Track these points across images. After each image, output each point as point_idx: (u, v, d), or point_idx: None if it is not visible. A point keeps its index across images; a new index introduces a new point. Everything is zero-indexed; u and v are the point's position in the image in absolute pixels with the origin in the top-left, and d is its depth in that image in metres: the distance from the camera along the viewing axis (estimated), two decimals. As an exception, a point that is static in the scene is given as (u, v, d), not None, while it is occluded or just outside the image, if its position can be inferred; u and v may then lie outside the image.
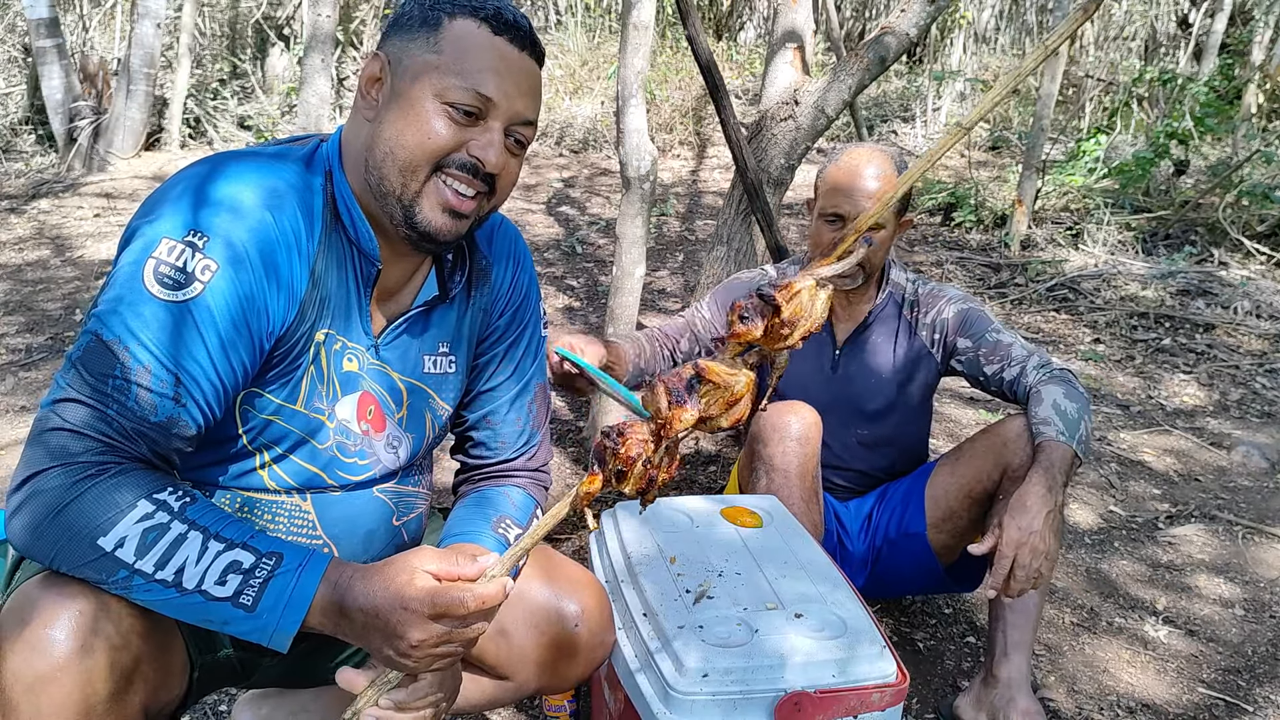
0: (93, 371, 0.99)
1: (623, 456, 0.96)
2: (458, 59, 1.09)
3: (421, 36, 1.10)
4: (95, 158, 6.70)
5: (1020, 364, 1.92)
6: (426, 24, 1.11)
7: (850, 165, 1.98)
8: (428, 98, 1.09)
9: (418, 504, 1.35)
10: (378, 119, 1.12)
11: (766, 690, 1.34)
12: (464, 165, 1.11)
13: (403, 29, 1.13)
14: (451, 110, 1.09)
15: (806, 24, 3.20)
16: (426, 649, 1.00)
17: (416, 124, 1.09)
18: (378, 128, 1.11)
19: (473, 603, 0.99)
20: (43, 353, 3.73)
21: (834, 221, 1.98)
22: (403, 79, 1.10)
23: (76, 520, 0.95)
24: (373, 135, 1.12)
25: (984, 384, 2.01)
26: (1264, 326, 4.44)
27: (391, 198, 1.11)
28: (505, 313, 1.34)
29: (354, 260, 1.17)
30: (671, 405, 0.96)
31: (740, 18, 10.22)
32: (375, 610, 0.98)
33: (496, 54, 1.10)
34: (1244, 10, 8.82)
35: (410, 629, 0.98)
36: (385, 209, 1.13)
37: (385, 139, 1.10)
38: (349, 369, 1.19)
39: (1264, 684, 2.09)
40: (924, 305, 2.09)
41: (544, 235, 5.61)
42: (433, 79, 1.08)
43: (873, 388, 2.11)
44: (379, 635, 0.99)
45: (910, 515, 2.05)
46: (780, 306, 0.93)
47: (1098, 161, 6.33)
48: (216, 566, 0.97)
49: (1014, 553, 1.63)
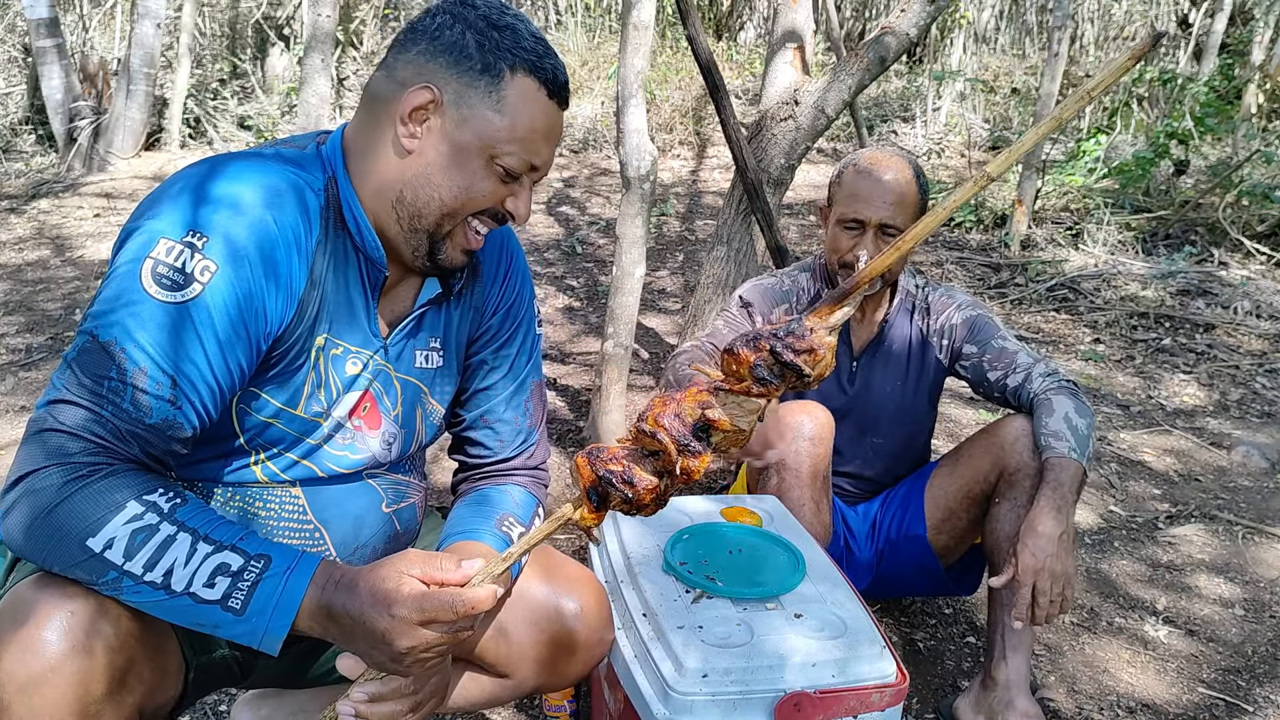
0: (89, 372, 0.99)
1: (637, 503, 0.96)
2: (519, 126, 1.10)
3: (483, 86, 1.09)
4: (95, 158, 6.70)
5: (1025, 371, 1.90)
6: (488, 72, 1.09)
7: (870, 171, 1.94)
8: (484, 156, 1.11)
9: (409, 494, 1.34)
10: (421, 154, 1.11)
11: (766, 690, 1.34)
12: (495, 215, 1.16)
13: (457, 65, 1.10)
14: (502, 172, 1.12)
15: (806, 24, 3.19)
16: (415, 654, 0.99)
17: (467, 179, 1.12)
18: (422, 166, 1.11)
19: (461, 607, 0.99)
20: (42, 353, 3.73)
21: (854, 228, 1.95)
22: (460, 128, 1.10)
23: (67, 520, 0.94)
24: (414, 171, 1.12)
25: (986, 390, 1.99)
26: (1264, 326, 4.44)
27: (423, 234, 1.14)
28: (498, 311, 1.34)
29: (359, 265, 1.17)
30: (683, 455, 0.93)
31: (740, 18, 10.21)
32: (362, 615, 0.98)
33: (549, 121, 1.13)
34: (1244, 10, 8.82)
35: (396, 635, 0.97)
36: (410, 240, 1.15)
37: (432, 184, 1.12)
38: (353, 372, 1.19)
39: (1264, 684, 2.08)
40: (934, 312, 2.07)
41: (544, 235, 5.61)
42: (492, 139, 1.10)
43: (888, 396, 2.09)
44: (366, 640, 0.99)
45: (911, 517, 2.04)
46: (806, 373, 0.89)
47: (1098, 161, 6.33)
48: (205, 569, 0.96)
49: (1033, 580, 1.63)
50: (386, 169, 1.13)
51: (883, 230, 1.93)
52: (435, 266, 1.18)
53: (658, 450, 0.95)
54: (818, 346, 0.87)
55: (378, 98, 1.13)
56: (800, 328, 0.88)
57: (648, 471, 0.96)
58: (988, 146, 7.42)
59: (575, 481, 1.01)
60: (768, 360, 0.88)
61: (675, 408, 0.94)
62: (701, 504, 1.80)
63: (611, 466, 0.96)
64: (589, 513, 0.99)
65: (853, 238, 1.95)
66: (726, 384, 0.93)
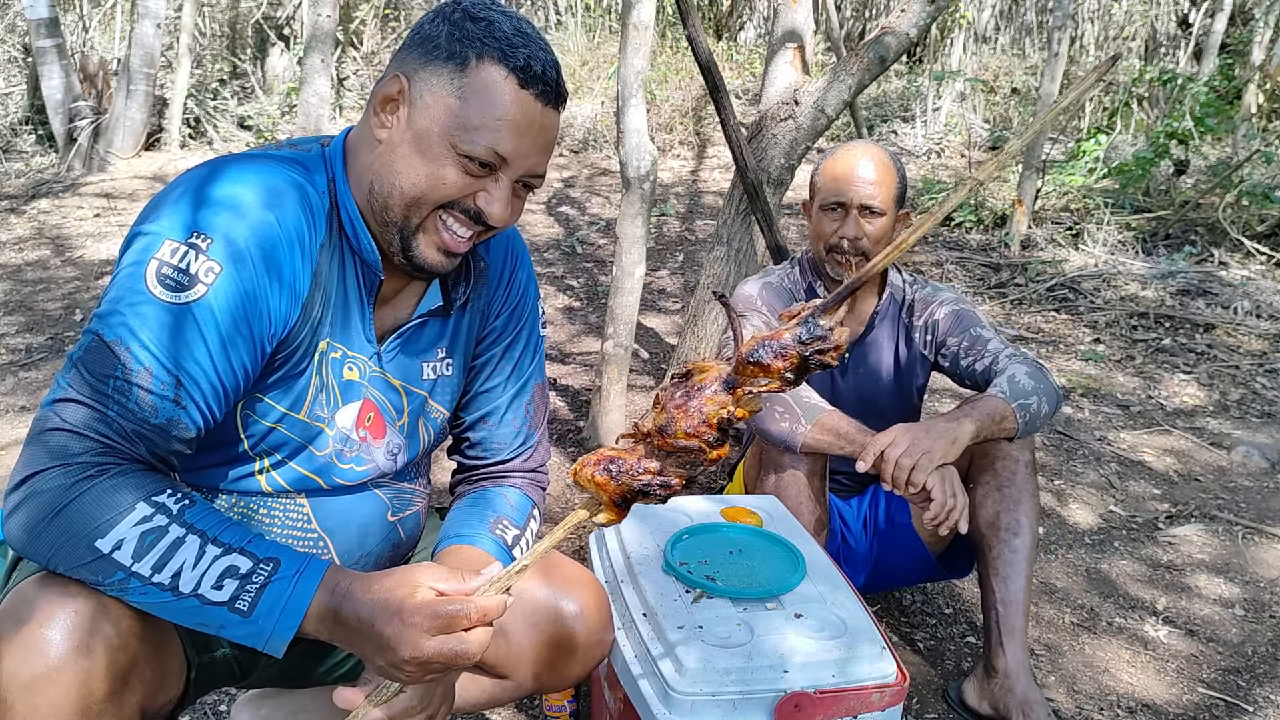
0: (94, 372, 0.99)
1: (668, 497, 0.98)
2: (480, 111, 1.05)
3: (446, 72, 1.07)
4: (95, 158, 6.70)
5: (993, 355, 1.97)
6: (454, 58, 1.06)
7: (847, 155, 2.02)
8: (443, 143, 1.07)
9: (414, 501, 1.34)
10: (388, 144, 1.10)
11: (766, 690, 1.34)
12: (466, 210, 1.11)
13: (427, 52, 1.08)
14: (466, 161, 1.07)
15: (806, 24, 3.19)
16: (419, 663, 0.97)
17: (428, 166, 1.08)
18: (388, 156, 1.10)
19: (475, 614, 0.97)
20: (43, 353, 3.73)
21: (835, 210, 2.00)
22: (421, 115, 1.07)
23: (75, 521, 0.94)
24: (380, 161, 1.10)
25: (960, 376, 2.06)
26: (1264, 326, 4.44)
27: (392, 227, 1.12)
28: (502, 313, 1.34)
29: (356, 268, 1.17)
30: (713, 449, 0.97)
31: (740, 18, 10.22)
32: (371, 620, 0.97)
33: (520, 110, 1.07)
34: (1244, 10, 8.82)
35: (403, 642, 0.96)
36: (385, 235, 1.13)
37: (395, 171, 1.09)
38: (349, 377, 1.19)
39: (1264, 684, 2.09)
40: (919, 308, 2.12)
41: (544, 235, 5.61)
42: (451, 125, 1.06)
43: (877, 389, 2.14)
44: (372, 645, 0.98)
45: (896, 505, 2.09)
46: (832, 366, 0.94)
47: (1098, 161, 6.34)
48: (214, 571, 0.96)
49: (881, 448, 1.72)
50: (365, 163, 1.13)
51: (864, 210, 1.99)
52: (414, 266, 1.14)
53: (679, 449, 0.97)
54: (840, 342, 0.93)
55: (371, 98, 1.14)
56: (824, 331, 0.92)
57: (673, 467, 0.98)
58: (987, 146, 7.42)
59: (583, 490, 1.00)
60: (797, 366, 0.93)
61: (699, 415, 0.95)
62: (701, 504, 1.81)
63: (642, 477, 0.97)
64: (615, 515, 1.00)
65: (835, 220, 2.00)
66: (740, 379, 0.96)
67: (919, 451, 1.69)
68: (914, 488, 1.69)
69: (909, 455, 1.69)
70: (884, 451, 1.72)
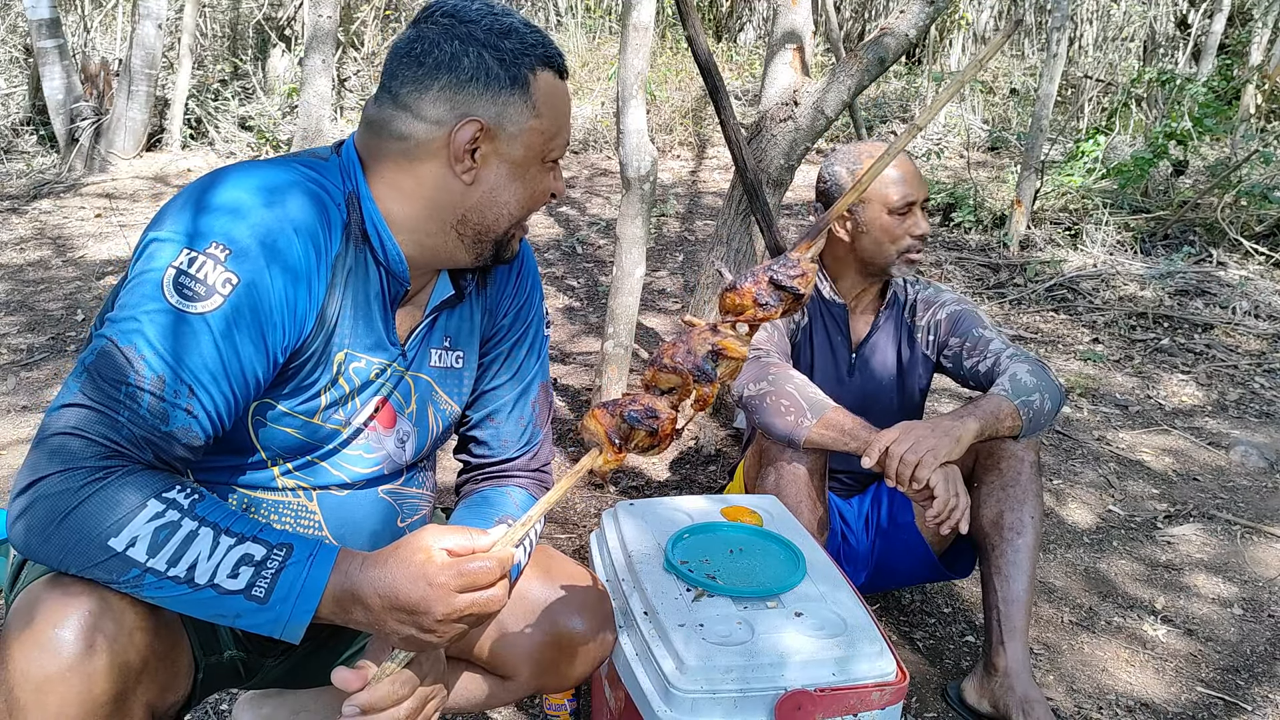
0: (105, 377, 0.99)
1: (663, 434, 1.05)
2: (554, 119, 1.17)
3: (517, 98, 1.13)
4: (96, 158, 6.70)
5: (995, 355, 1.99)
6: (517, 83, 1.12)
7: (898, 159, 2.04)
8: (537, 161, 1.17)
9: (421, 506, 1.35)
10: (481, 181, 1.15)
11: (766, 689, 1.35)
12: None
13: (488, 88, 1.11)
14: (552, 165, 1.20)
15: (806, 25, 3.20)
16: (451, 620, 0.99)
17: (530, 186, 1.18)
18: (486, 191, 1.16)
19: (498, 568, 1.00)
20: (44, 353, 3.73)
21: (905, 212, 2.04)
22: (511, 145, 1.14)
23: (85, 523, 0.94)
24: (478, 198, 1.16)
25: (963, 377, 2.08)
26: (1262, 326, 4.45)
27: (489, 242, 1.20)
28: (509, 312, 1.35)
29: (380, 278, 1.18)
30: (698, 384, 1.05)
31: (740, 18, 10.23)
32: (394, 590, 0.98)
33: (567, 98, 1.19)
34: (1242, 11, 8.83)
35: (435, 604, 0.98)
36: (474, 249, 1.20)
37: (499, 202, 1.16)
38: (369, 379, 1.20)
39: (1262, 683, 2.09)
40: (921, 309, 2.15)
41: (544, 235, 5.62)
42: (540, 142, 1.16)
43: (881, 389, 2.16)
44: (398, 616, 0.99)
45: (899, 504, 2.10)
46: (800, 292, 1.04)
47: (1096, 162, 6.34)
48: (229, 561, 0.97)
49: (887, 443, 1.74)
50: (438, 199, 1.15)
51: (923, 206, 2.06)
52: (496, 260, 1.24)
53: (672, 386, 1.06)
54: (806, 270, 1.06)
55: (407, 137, 1.13)
56: (790, 258, 1.06)
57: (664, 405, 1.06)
58: (986, 147, 7.43)
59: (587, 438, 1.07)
60: (768, 288, 1.05)
61: (686, 345, 1.06)
62: (701, 503, 1.82)
63: (632, 408, 1.04)
64: (611, 456, 1.05)
65: (904, 221, 2.03)
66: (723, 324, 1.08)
67: (923, 449, 1.71)
68: (917, 484, 1.70)
69: (913, 452, 1.71)
70: (888, 448, 1.73)
